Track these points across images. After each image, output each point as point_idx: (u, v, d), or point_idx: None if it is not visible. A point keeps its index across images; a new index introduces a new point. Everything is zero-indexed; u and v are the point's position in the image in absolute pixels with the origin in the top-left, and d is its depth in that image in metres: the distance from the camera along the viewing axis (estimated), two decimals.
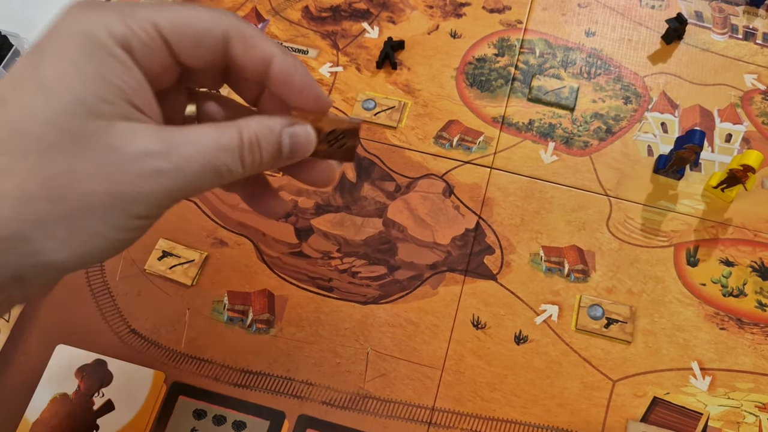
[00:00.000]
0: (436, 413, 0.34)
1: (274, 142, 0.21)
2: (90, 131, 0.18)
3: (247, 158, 0.21)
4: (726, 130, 0.43)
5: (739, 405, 0.34)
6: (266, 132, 0.21)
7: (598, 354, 0.36)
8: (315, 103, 0.23)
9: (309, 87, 0.22)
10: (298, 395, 0.34)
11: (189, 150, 0.19)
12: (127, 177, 0.19)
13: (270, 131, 0.21)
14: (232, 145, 0.20)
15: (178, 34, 0.20)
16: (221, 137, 0.20)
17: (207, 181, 0.20)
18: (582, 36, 0.46)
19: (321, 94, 0.23)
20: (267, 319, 0.36)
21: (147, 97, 0.20)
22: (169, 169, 0.19)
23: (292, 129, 0.22)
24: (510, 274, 0.38)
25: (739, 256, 0.38)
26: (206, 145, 0.20)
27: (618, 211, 0.40)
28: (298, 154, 0.22)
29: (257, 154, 0.21)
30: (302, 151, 0.22)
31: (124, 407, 0.33)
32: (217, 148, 0.20)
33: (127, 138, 0.19)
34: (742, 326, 0.36)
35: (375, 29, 0.47)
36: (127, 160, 0.19)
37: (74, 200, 0.18)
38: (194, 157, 0.19)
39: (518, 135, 0.43)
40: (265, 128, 0.21)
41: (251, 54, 0.21)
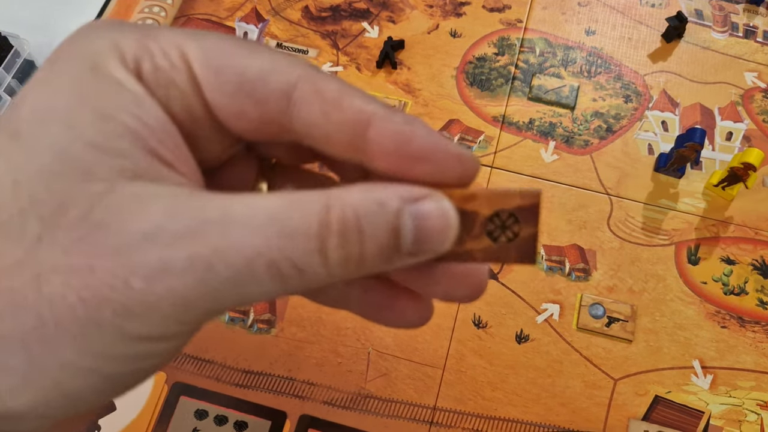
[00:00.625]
0: (438, 413, 0.34)
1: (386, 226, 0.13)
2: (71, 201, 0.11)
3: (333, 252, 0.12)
4: (726, 128, 0.43)
5: (741, 403, 0.34)
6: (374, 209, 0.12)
7: (599, 353, 0.36)
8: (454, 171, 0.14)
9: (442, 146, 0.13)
10: (300, 395, 0.34)
11: (229, 232, 0.12)
12: (117, 274, 0.11)
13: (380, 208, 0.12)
14: (309, 228, 0.12)
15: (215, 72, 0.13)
16: (291, 212, 0.12)
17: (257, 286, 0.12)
18: (582, 35, 0.46)
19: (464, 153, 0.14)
20: (268, 319, 0.36)
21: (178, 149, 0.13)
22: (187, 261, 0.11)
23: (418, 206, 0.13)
24: (511, 273, 0.38)
25: (740, 255, 0.38)
26: (261, 225, 0.12)
27: (619, 210, 0.40)
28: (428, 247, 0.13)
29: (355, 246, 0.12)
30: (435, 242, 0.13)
31: (125, 408, 0.33)
32: (280, 232, 0.12)
33: (129, 210, 0.12)
34: (743, 324, 0.36)
35: (375, 29, 0.47)
36: (120, 246, 0.11)
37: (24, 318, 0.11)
38: (235, 245, 0.12)
39: (519, 134, 0.43)
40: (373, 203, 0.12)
41: (335, 117, 0.13)
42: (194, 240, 0.11)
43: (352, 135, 0.13)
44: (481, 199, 0.13)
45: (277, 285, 0.12)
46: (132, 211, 0.12)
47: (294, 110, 0.13)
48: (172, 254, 0.11)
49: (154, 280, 0.11)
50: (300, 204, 0.12)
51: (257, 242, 0.12)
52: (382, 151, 0.13)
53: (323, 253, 0.12)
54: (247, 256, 0.12)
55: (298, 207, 0.12)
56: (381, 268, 0.13)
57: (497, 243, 0.14)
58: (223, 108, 0.13)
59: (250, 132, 0.14)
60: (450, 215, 0.13)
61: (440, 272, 0.15)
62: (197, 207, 0.12)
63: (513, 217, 0.14)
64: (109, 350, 0.12)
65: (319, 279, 0.12)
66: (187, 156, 0.13)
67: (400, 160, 0.13)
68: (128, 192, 0.12)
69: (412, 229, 0.13)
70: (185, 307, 0.12)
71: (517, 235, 0.14)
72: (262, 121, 0.13)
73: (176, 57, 0.13)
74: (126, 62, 0.13)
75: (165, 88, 0.13)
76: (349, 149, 0.14)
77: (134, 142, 0.12)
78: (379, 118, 0.13)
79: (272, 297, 0.13)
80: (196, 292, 0.12)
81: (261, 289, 0.12)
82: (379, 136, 0.13)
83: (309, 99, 0.13)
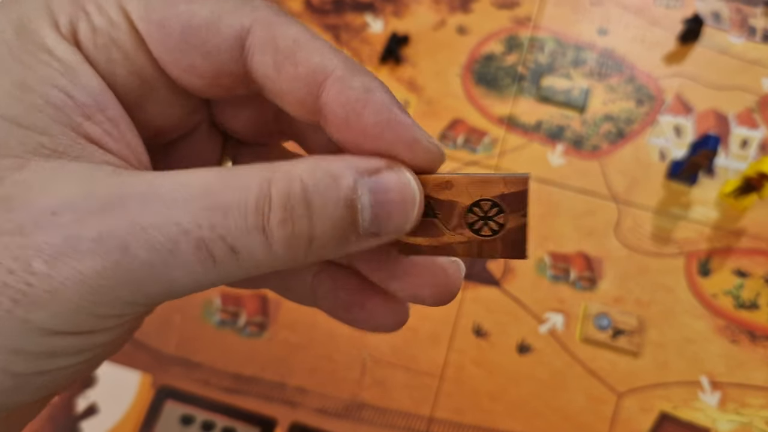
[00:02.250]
0: (435, 423, 0.33)
1: (339, 201, 0.11)
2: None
3: (276, 230, 0.10)
4: (741, 136, 0.41)
5: (750, 421, 0.33)
6: (325, 181, 0.11)
7: (604, 366, 0.34)
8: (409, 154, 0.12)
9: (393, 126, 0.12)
10: (291, 402, 0.33)
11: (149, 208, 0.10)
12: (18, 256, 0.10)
13: (332, 180, 0.11)
14: (246, 201, 0.10)
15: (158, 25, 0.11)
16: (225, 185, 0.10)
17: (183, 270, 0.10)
18: (594, 35, 0.45)
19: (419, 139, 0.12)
20: (260, 322, 0.35)
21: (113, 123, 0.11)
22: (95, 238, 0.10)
23: (376, 179, 0.11)
24: (514, 281, 0.36)
25: (752, 267, 0.37)
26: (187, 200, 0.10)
27: (627, 218, 0.38)
28: (389, 225, 0.11)
29: (302, 222, 0.11)
30: (396, 219, 0.11)
31: (108, 411, 0.32)
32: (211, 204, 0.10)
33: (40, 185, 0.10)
34: (754, 340, 0.35)
35: (379, 22, 0.45)
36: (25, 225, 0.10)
37: None
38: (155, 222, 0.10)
39: (525, 136, 0.41)
40: (324, 175, 0.11)
41: (287, 71, 0.12)
42: (107, 216, 0.10)
43: (306, 94, 0.12)
44: (460, 186, 0.12)
45: (207, 270, 0.10)
46: (41, 188, 0.10)
47: (248, 59, 0.12)
48: (80, 232, 0.10)
49: (57, 262, 0.10)
50: (237, 177, 0.10)
51: (182, 218, 0.10)
52: (333, 118, 0.12)
53: (263, 232, 0.10)
54: (170, 234, 0.10)
55: (235, 180, 0.10)
56: (337, 252, 0.11)
57: (480, 236, 0.12)
58: (172, 64, 0.12)
59: (206, 88, 0.12)
60: (412, 187, 0.12)
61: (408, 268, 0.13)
62: (117, 183, 0.10)
63: (497, 207, 0.12)
64: (12, 344, 0.10)
65: (259, 263, 0.11)
66: (124, 132, 0.12)
67: (350, 131, 0.12)
68: (41, 168, 0.10)
69: (369, 204, 0.11)
70: (97, 296, 0.10)
71: (502, 226, 0.12)
72: (216, 74, 0.12)
73: (115, 14, 0.11)
74: (58, 26, 0.11)
75: (105, 51, 0.11)
76: (304, 110, 0.12)
77: (55, 117, 0.11)
78: (335, 79, 0.12)
79: (204, 285, 0.11)
80: (110, 277, 0.10)
81: (188, 275, 0.10)
82: (331, 101, 0.12)
83: (262, 47, 0.12)
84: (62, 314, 0.10)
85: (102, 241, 0.10)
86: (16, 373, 0.10)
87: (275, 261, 0.11)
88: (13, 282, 0.10)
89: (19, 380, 0.10)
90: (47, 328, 0.10)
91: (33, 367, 0.10)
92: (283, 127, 0.14)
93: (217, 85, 0.12)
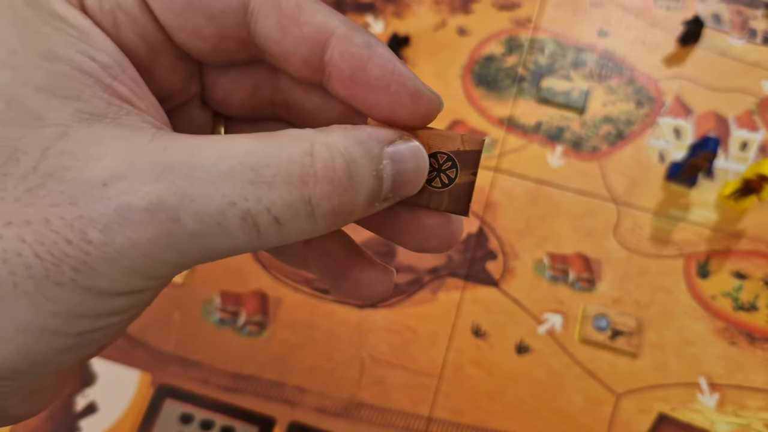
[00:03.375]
0: (433, 423, 0.33)
1: (372, 171, 0.12)
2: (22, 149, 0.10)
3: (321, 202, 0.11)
4: (741, 138, 0.41)
5: (748, 423, 0.33)
6: (361, 153, 0.11)
7: (602, 367, 0.34)
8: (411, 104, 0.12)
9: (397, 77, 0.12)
10: (290, 401, 0.33)
11: (197, 179, 0.10)
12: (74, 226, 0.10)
13: (366, 152, 0.11)
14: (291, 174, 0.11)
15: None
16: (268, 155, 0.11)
17: (229, 239, 0.11)
18: (594, 36, 0.45)
19: (420, 89, 0.12)
20: (260, 321, 0.35)
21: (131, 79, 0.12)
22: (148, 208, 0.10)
23: (395, 149, 0.12)
24: (513, 281, 0.37)
25: (751, 269, 0.37)
26: (231, 172, 0.10)
27: (627, 219, 0.39)
28: (403, 191, 0.12)
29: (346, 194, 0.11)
30: (410, 185, 0.13)
31: (107, 409, 0.32)
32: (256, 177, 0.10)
33: (86, 154, 0.10)
34: (753, 342, 0.35)
35: (380, 23, 0.45)
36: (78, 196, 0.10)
37: None
38: (204, 193, 0.10)
39: (525, 137, 0.41)
40: (359, 147, 0.11)
41: (292, 33, 0.12)
42: (157, 186, 0.10)
43: (310, 54, 0.12)
44: (422, 138, 0.13)
45: (251, 239, 0.11)
46: (88, 156, 0.10)
47: (251, 23, 0.12)
48: (131, 202, 0.10)
49: (111, 231, 0.10)
50: (277, 146, 0.11)
51: (229, 190, 0.10)
52: (338, 75, 0.12)
53: (309, 203, 0.11)
54: (218, 205, 0.10)
55: (276, 149, 0.11)
56: (361, 214, 0.12)
57: (431, 186, 0.13)
58: (177, 27, 0.12)
59: (210, 53, 0.13)
60: (423, 157, 0.13)
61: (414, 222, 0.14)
62: (161, 149, 0.11)
63: (451, 161, 0.13)
64: (73, 309, 0.10)
65: (301, 232, 0.11)
66: (146, 91, 0.12)
67: (356, 86, 0.12)
68: (84, 136, 0.11)
69: (391, 173, 0.12)
70: (149, 260, 0.10)
71: (452, 180, 0.13)
72: (220, 37, 0.12)
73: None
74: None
75: (111, 15, 0.12)
76: (308, 69, 0.13)
77: (87, 81, 0.11)
78: (338, 38, 0.12)
79: (244, 251, 0.11)
80: (160, 244, 0.10)
81: (233, 242, 0.11)
82: (336, 58, 0.12)
83: (266, 11, 0.12)
84: (118, 279, 0.10)
85: (153, 212, 0.10)
86: (79, 332, 0.11)
87: (316, 231, 0.11)
88: (73, 252, 0.10)
89: (81, 339, 0.11)
90: (106, 292, 0.11)
91: (93, 326, 0.11)
92: (275, 100, 0.15)
93: (221, 49, 0.13)
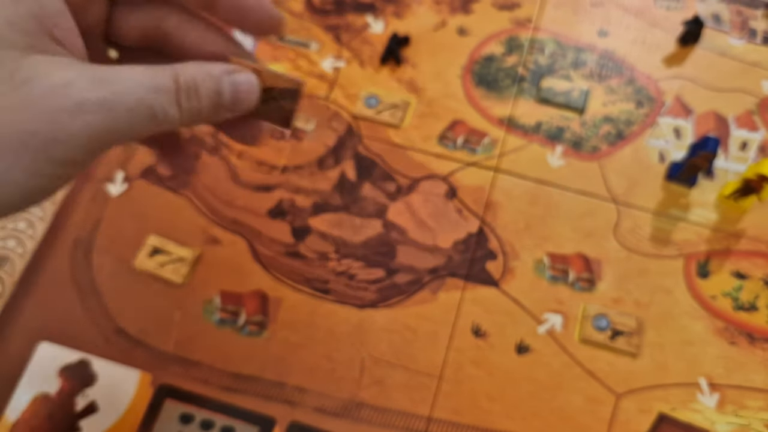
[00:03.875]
0: (433, 423, 0.33)
1: (213, 88, 0.20)
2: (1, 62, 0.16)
3: (184, 103, 0.19)
4: (741, 138, 0.41)
5: (748, 423, 0.33)
6: (205, 77, 0.19)
7: (602, 366, 0.34)
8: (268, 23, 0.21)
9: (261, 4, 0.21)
10: (290, 401, 0.33)
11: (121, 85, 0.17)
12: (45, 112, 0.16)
13: (209, 77, 0.20)
14: (169, 87, 0.18)
15: None
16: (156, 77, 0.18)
17: (141, 122, 0.18)
18: (594, 36, 0.45)
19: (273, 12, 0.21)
20: (260, 321, 0.35)
21: (69, 30, 0.18)
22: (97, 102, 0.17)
23: (234, 76, 0.20)
24: (513, 281, 0.37)
25: (751, 269, 0.37)
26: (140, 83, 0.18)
27: (627, 219, 0.39)
28: (241, 105, 0.21)
29: (195, 100, 0.19)
30: (245, 101, 0.21)
31: (108, 409, 0.32)
32: (152, 87, 0.18)
33: (45, 70, 0.16)
34: (753, 342, 0.35)
35: (380, 23, 0.45)
36: (46, 92, 0.16)
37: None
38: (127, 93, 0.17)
39: (525, 137, 0.41)
40: (204, 73, 0.19)
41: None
42: (100, 89, 0.17)
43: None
44: (264, 75, 0.21)
45: (152, 123, 0.18)
46: (47, 70, 0.17)
47: None
48: (88, 97, 0.17)
49: (75, 116, 0.16)
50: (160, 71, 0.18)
51: (141, 93, 0.18)
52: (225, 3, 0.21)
53: (179, 104, 0.19)
54: (136, 100, 0.17)
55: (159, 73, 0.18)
56: (212, 118, 0.20)
57: (266, 107, 0.21)
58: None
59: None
60: (254, 84, 0.21)
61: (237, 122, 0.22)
62: (95, 70, 0.17)
63: (281, 93, 0.21)
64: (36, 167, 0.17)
65: (176, 122, 0.19)
66: (77, 36, 0.18)
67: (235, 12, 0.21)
68: (40, 59, 0.17)
69: (230, 92, 0.20)
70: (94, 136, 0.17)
71: (280, 107, 0.21)
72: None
73: None
74: None
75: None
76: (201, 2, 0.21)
77: (37, 25, 0.17)
78: None
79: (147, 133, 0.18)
80: (103, 124, 0.17)
81: (143, 126, 0.18)
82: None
83: None
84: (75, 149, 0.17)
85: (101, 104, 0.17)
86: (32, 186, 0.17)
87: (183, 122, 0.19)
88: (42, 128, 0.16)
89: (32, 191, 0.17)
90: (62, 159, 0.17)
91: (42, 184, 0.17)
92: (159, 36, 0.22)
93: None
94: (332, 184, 0.39)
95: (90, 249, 0.37)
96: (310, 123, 0.38)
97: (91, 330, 0.35)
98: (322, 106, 0.42)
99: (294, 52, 0.44)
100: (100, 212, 0.39)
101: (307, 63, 0.44)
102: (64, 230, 0.38)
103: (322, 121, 0.41)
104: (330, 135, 0.41)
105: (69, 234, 0.38)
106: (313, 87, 0.43)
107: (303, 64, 0.44)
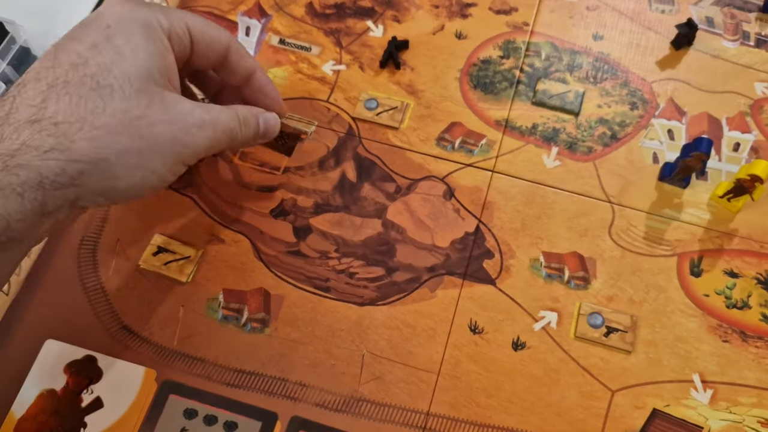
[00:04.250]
0: (431, 418, 0.33)
1: (255, 122, 0.32)
2: (153, 91, 0.26)
3: (243, 130, 0.31)
4: (734, 139, 0.42)
5: (741, 420, 0.34)
6: (250, 115, 0.31)
7: (597, 363, 0.35)
8: (278, 108, 0.35)
9: (276, 96, 0.35)
10: (292, 396, 0.34)
11: (216, 115, 0.28)
12: (184, 126, 0.26)
13: (252, 115, 0.32)
14: (237, 118, 0.30)
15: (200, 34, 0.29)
16: (230, 112, 0.30)
17: (227, 140, 0.29)
18: (589, 40, 0.46)
19: (282, 103, 0.35)
20: (262, 318, 0.36)
21: (177, 78, 0.28)
22: (210, 122, 0.27)
23: (266, 116, 0.33)
24: (509, 279, 0.37)
25: (744, 268, 0.38)
26: (225, 114, 0.29)
27: (621, 219, 0.39)
28: (268, 135, 0.33)
29: (245, 129, 0.31)
30: (271, 133, 0.33)
31: (113, 405, 0.33)
32: (231, 118, 0.29)
33: (177, 100, 0.27)
34: (745, 339, 0.36)
35: (379, 28, 0.46)
36: (183, 112, 0.27)
37: (147, 139, 0.25)
38: (220, 120, 0.28)
39: (521, 139, 0.42)
40: (250, 113, 0.31)
41: (242, 64, 0.32)
42: (210, 112, 0.28)
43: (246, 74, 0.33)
44: (283, 121, 0.35)
45: (231, 142, 0.30)
46: (177, 100, 0.27)
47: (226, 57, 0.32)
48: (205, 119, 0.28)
49: (200, 129, 0.27)
50: (230, 109, 0.30)
51: (226, 121, 0.29)
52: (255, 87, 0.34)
53: (240, 130, 0.31)
54: (225, 125, 0.29)
55: (231, 110, 0.30)
56: (251, 142, 0.33)
57: (278, 142, 0.37)
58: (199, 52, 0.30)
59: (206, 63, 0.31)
60: (278, 122, 0.34)
61: None
62: (197, 103, 0.28)
63: (288, 135, 0.37)
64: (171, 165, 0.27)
65: (236, 145, 0.31)
66: (178, 82, 0.29)
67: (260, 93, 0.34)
68: (169, 94, 0.27)
69: (263, 126, 0.32)
70: (205, 147, 0.28)
71: (287, 143, 0.38)
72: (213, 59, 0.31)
73: (185, 28, 0.29)
74: (162, 26, 0.27)
75: (178, 48, 0.29)
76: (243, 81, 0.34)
77: (166, 75, 0.27)
78: (259, 70, 0.34)
79: (226, 148, 0.34)
80: (212, 138, 0.28)
81: (226, 143, 0.30)
82: (257, 79, 0.34)
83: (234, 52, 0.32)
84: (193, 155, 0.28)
85: (213, 124, 0.28)
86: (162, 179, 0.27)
87: (240, 146, 0.38)
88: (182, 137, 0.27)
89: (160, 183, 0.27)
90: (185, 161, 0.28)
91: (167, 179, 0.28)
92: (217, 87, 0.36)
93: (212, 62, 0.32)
94: (333, 184, 0.40)
95: (95, 248, 0.38)
96: (311, 125, 0.39)
97: (97, 327, 0.35)
98: (323, 108, 0.43)
99: (295, 56, 0.45)
100: (106, 212, 0.39)
101: (308, 66, 0.45)
102: (70, 230, 0.39)
103: (323, 123, 0.42)
104: (330, 137, 0.42)
105: (75, 233, 0.38)
106: (314, 90, 0.44)
107: (304, 67, 0.45)
